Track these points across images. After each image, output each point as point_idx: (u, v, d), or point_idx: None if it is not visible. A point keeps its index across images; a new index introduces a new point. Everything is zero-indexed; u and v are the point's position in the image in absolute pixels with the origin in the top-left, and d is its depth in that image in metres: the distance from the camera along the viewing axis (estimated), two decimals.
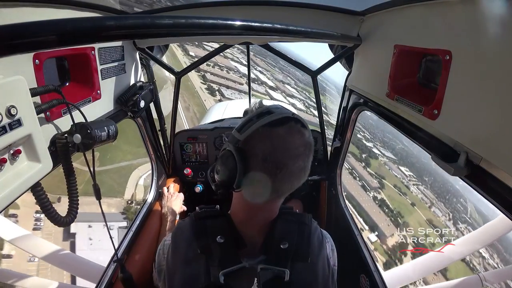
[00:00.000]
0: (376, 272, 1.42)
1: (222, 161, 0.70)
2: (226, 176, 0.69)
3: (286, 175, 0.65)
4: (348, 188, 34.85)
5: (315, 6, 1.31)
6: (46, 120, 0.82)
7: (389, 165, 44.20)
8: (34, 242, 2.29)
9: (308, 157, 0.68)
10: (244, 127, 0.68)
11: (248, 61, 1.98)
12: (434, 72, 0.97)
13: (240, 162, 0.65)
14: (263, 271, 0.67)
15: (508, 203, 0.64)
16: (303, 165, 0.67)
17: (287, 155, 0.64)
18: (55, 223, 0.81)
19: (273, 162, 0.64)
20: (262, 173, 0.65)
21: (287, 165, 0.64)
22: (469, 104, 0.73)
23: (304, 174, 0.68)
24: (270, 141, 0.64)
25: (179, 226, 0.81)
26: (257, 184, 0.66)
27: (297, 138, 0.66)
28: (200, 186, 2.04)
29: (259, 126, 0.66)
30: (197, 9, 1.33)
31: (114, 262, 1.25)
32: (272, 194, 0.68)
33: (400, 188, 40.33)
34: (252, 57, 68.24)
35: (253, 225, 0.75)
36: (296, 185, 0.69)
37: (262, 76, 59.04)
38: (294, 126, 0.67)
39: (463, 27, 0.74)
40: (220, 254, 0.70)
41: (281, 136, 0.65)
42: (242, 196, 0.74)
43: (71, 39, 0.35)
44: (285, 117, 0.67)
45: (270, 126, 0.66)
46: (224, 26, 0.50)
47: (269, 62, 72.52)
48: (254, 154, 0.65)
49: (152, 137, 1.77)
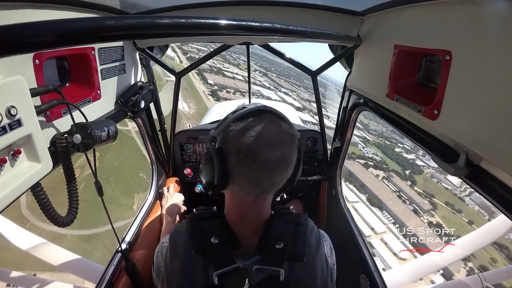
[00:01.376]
0: (376, 272, 1.42)
1: (203, 162, 0.71)
2: (208, 176, 0.70)
3: (262, 165, 0.63)
4: (401, 219, 29.06)
5: (315, 6, 1.32)
6: (46, 120, 0.82)
7: (436, 176, 37.93)
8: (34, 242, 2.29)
9: (289, 148, 0.67)
10: (219, 125, 0.69)
11: (248, 61, 1.98)
12: (434, 72, 0.97)
13: (216, 159, 0.65)
14: (257, 271, 0.67)
15: (508, 203, 0.63)
16: (281, 155, 0.65)
17: (260, 144, 0.63)
18: (55, 223, 0.81)
19: (246, 153, 0.63)
20: (238, 166, 0.64)
21: (262, 154, 0.62)
22: (469, 104, 0.72)
23: (285, 165, 0.67)
24: (242, 132, 0.64)
25: (176, 228, 0.81)
26: (237, 179, 0.66)
27: (272, 128, 0.65)
28: (200, 186, 2.04)
29: (231, 121, 0.66)
30: (197, 9, 1.33)
31: (118, 252, 1.26)
32: (255, 188, 0.67)
33: (453, 205, 33.43)
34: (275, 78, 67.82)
35: (247, 225, 0.75)
36: (278, 179, 0.67)
37: (287, 98, 56.03)
38: (268, 117, 0.67)
39: (463, 27, 0.74)
40: (215, 255, 0.69)
41: (252, 126, 0.64)
42: (230, 195, 0.74)
43: (71, 39, 0.35)
44: (257, 109, 0.67)
45: (242, 119, 0.66)
46: (224, 26, 0.50)
47: (293, 83, 70.25)
48: (229, 149, 0.65)
49: (152, 137, 1.77)
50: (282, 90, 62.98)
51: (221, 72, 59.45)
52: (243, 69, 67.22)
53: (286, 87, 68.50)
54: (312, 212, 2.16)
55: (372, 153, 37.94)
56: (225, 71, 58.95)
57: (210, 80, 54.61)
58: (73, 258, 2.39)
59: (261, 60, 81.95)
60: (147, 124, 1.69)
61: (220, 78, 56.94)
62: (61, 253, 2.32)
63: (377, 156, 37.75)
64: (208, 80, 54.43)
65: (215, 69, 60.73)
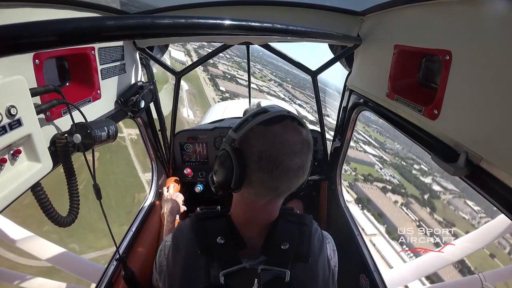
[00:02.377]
0: (376, 272, 1.42)
1: (220, 162, 0.70)
2: (224, 176, 0.68)
3: (283, 173, 0.64)
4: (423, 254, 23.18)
5: (315, 6, 1.32)
6: (46, 120, 0.82)
7: (453, 203, 33.72)
8: (33, 242, 2.29)
9: (307, 155, 0.67)
10: (240, 126, 0.68)
11: (248, 61, 1.99)
12: (434, 72, 0.97)
13: (236, 162, 0.65)
14: (264, 271, 0.67)
15: (508, 203, 0.63)
16: (301, 163, 0.65)
17: (283, 152, 0.63)
18: (55, 223, 0.81)
19: (268, 160, 0.63)
20: (259, 172, 0.64)
21: (283, 162, 0.63)
22: (469, 104, 0.72)
23: (303, 173, 0.67)
24: (265, 139, 0.64)
25: (180, 227, 0.81)
26: (254, 183, 0.66)
27: (294, 136, 0.65)
28: (200, 186, 2.04)
29: (254, 125, 0.66)
30: (197, 9, 1.33)
31: (116, 260, 1.25)
32: (270, 193, 0.68)
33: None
34: (290, 89, 66.30)
35: (253, 226, 0.75)
36: (295, 185, 0.68)
37: (302, 110, 52.70)
38: (290, 123, 0.67)
39: (463, 27, 0.74)
40: (220, 254, 0.69)
41: (276, 133, 0.64)
42: (241, 197, 0.74)
43: (71, 39, 0.35)
44: (280, 115, 0.67)
45: (265, 125, 0.65)
46: (224, 26, 0.50)
47: (308, 94, 66.30)
48: (250, 153, 0.65)
49: (152, 137, 1.77)
50: (297, 102, 59.83)
51: (235, 79, 57.18)
52: (258, 77, 65.17)
53: (301, 98, 65.60)
54: (312, 212, 2.16)
55: (389, 175, 34.95)
56: (238, 79, 57.13)
57: (222, 86, 52.39)
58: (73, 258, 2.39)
59: (277, 70, 79.72)
60: (147, 124, 1.69)
61: (233, 85, 54.09)
62: (61, 253, 2.32)
63: (395, 178, 34.64)
64: (220, 87, 52.23)
65: (229, 75, 58.30)
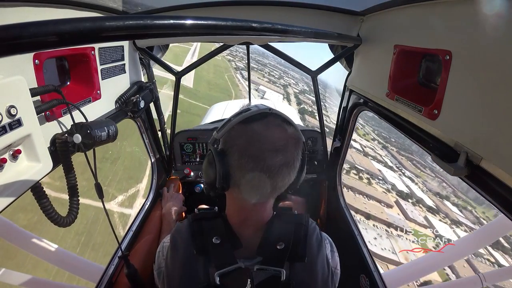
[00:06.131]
0: (376, 272, 1.42)
1: (205, 162, 0.71)
2: (209, 177, 0.69)
3: (265, 170, 0.62)
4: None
5: (315, 6, 1.31)
6: (46, 120, 0.82)
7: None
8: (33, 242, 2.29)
9: (292, 152, 0.65)
10: (222, 126, 0.68)
11: (248, 61, 1.99)
12: (434, 72, 0.97)
13: (218, 162, 0.65)
14: (258, 271, 0.67)
15: (508, 203, 0.63)
16: (284, 160, 0.63)
17: (264, 149, 0.62)
18: (55, 223, 0.81)
19: (249, 158, 0.62)
20: (242, 171, 0.63)
21: (265, 159, 0.61)
22: (469, 104, 0.72)
23: (288, 170, 0.65)
24: (245, 136, 0.63)
25: (177, 228, 0.81)
26: (240, 183, 0.66)
27: (276, 132, 0.64)
28: (200, 186, 2.04)
29: (234, 124, 0.66)
30: (197, 9, 1.33)
31: (119, 257, 1.25)
32: (256, 192, 0.67)
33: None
34: (396, 153, 58.85)
35: (248, 226, 0.75)
36: (280, 183, 0.66)
37: (413, 185, 46.75)
38: (273, 120, 0.66)
39: (463, 27, 0.74)
40: (216, 255, 0.70)
41: (256, 130, 0.63)
42: (232, 197, 0.74)
43: (71, 39, 0.35)
44: (262, 112, 0.66)
45: (245, 123, 0.65)
46: (224, 26, 0.50)
47: (417, 161, 59.30)
48: (231, 152, 0.64)
49: (152, 137, 1.77)
50: (406, 173, 49.42)
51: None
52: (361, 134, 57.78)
53: (410, 169, 52.06)
54: (312, 211, 2.16)
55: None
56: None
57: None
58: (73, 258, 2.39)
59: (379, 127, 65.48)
60: (147, 124, 1.69)
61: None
62: (61, 253, 2.32)
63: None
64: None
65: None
